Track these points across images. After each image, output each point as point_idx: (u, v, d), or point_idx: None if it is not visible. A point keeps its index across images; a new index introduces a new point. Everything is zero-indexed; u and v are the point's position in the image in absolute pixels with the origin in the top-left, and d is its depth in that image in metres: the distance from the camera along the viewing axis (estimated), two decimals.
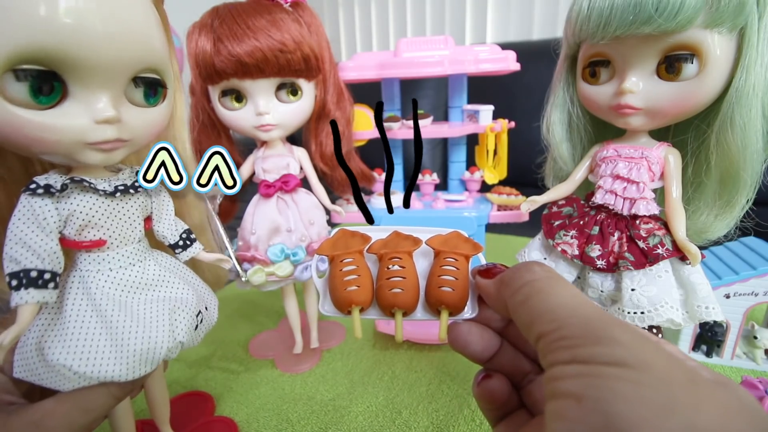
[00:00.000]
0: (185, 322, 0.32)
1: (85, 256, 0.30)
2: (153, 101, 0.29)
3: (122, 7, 0.25)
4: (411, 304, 0.28)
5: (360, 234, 0.31)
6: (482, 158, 0.60)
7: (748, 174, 0.35)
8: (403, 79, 0.58)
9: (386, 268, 0.28)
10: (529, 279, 0.22)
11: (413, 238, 0.30)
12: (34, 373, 0.28)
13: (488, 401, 0.27)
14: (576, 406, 0.16)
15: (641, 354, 0.17)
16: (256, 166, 0.50)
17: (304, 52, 0.45)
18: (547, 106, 0.45)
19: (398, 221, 0.56)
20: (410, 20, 1.82)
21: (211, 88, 0.47)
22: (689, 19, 0.31)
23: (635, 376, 0.16)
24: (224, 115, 0.47)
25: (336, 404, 0.49)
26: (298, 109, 0.48)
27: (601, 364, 0.17)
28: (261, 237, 0.49)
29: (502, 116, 0.59)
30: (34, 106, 0.24)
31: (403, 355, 0.57)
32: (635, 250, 0.37)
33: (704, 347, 0.54)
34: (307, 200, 0.52)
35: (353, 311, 0.28)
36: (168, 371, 0.55)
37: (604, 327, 0.18)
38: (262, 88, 0.45)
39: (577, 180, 0.43)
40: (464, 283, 0.28)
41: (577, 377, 0.17)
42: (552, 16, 1.53)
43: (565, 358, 0.18)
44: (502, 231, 0.77)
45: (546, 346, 0.19)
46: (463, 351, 0.28)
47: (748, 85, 0.33)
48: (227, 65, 0.43)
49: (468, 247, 0.30)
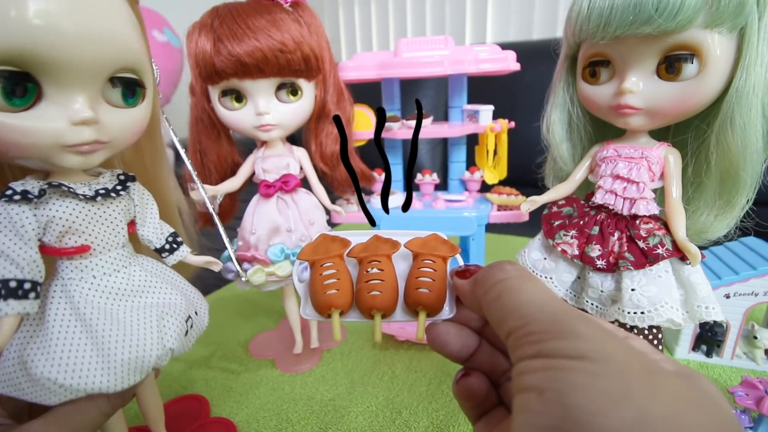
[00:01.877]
0: (174, 328, 0.31)
1: (66, 264, 0.29)
2: (132, 102, 0.29)
3: (95, 7, 0.25)
4: (389, 305, 0.28)
5: (340, 238, 0.32)
6: (482, 158, 0.60)
7: (748, 174, 0.35)
8: (403, 79, 0.59)
9: (365, 271, 0.29)
10: (500, 277, 0.23)
11: (392, 242, 0.31)
12: (17, 388, 0.27)
13: (467, 399, 0.27)
14: (538, 398, 0.17)
15: (601, 347, 0.17)
16: (256, 166, 0.50)
17: (304, 52, 0.45)
18: (547, 106, 0.45)
19: (398, 221, 0.57)
20: (410, 20, 1.82)
21: (211, 88, 0.47)
22: (689, 19, 0.31)
23: (594, 368, 0.16)
24: (224, 115, 0.47)
25: (336, 404, 0.49)
26: (298, 109, 0.48)
27: (563, 357, 0.17)
28: (261, 237, 0.49)
29: (502, 116, 0.59)
30: (7, 109, 0.24)
31: (403, 355, 0.57)
32: (635, 250, 0.37)
33: (704, 347, 0.54)
34: (308, 200, 0.52)
35: (333, 314, 0.28)
36: (167, 372, 0.55)
37: (568, 321, 0.19)
38: (262, 88, 0.45)
39: (577, 180, 0.43)
40: (441, 284, 0.28)
41: (540, 371, 0.18)
42: (552, 16, 1.53)
43: (531, 352, 0.18)
44: (502, 231, 0.77)
45: (515, 341, 0.20)
46: (442, 350, 0.28)
47: (748, 85, 0.33)
48: (227, 65, 0.43)
49: (446, 248, 0.30)
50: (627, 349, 0.17)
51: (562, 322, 0.19)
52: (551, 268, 0.42)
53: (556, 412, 0.16)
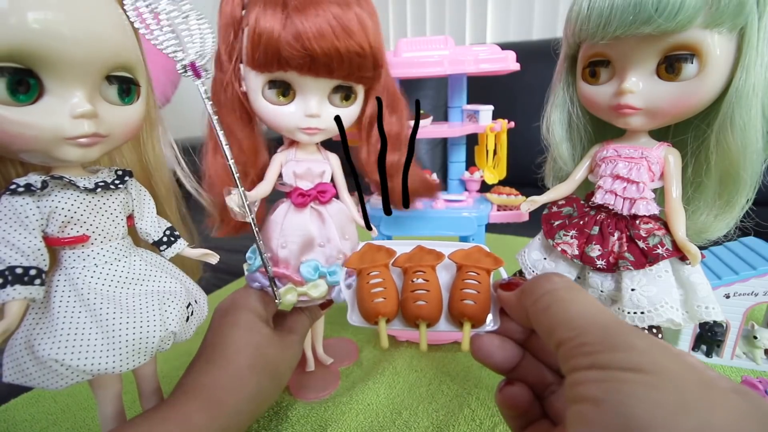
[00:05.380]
0: (176, 312, 0.32)
1: (69, 254, 0.30)
2: (128, 100, 0.30)
3: (90, 11, 0.27)
4: (435, 315, 0.29)
5: (385, 248, 0.33)
6: (482, 158, 0.60)
7: (748, 174, 0.35)
8: (403, 79, 0.58)
9: (411, 281, 0.30)
10: (549, 288, 0.23)
11: (436, 253, 0.32)
12: (25, 374, 0.28)
13: (510, 408, 0.28)
14: (595, 409, 0.17)
15: (657, 360, 0.17)
16: (286, 168, 0.43)
17: (376, 58, 0.39)
18: (547, 106, 0.45)
19: (398, 221, 0.57)
20: (410, 20, 1.82)
21: (255, 74, 0.39)
22: (689, 19, 0.31)
23: (651, 380, 0.17)
24: (263, 107, 0.40)
25: (336, 403, 0.49)
26: (347, 115, 0.42)
27: (618, 369, 0.17)
28: (293, 251, 0.43)
29: (502, 116, 0.59)
30: (12, 104, 0.25)
31: (403, 355, 0.57)
32: (635, 250, 0.37)
33: (704, 347, 0.54)
34: (344, 213, 0.46)
35: (380, 322, 0.29)
36: (167, 372, 0.55)
37: (621, 334, 0.19)
38: (319, 88, 0.40)
39: (577, 180, 0.43)
40: (486, 296, 0.29)
41: (596, 382, 0.18)
42: (552, 16, 1.53)
43: (585, 364, 0.19)
44: (502, 231, 0.77)
45: (566, 352, 0.20)
46: (486, 361, 0.29)
47: (748, 85, 0.33)
48: (295, 56, 0.36)
49: (489, 261, 0.31)
50: (682, 364, 0.17)
51: (615, 335, 0.19)
52: (551, 268, 0.42)
53: (614, 422, 0.16)
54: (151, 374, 0.38)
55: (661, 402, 0.16)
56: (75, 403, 0.51)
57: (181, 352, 0.38)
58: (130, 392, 0.38)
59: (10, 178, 0.31)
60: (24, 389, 0.52)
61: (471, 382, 0.52)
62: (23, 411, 0.50)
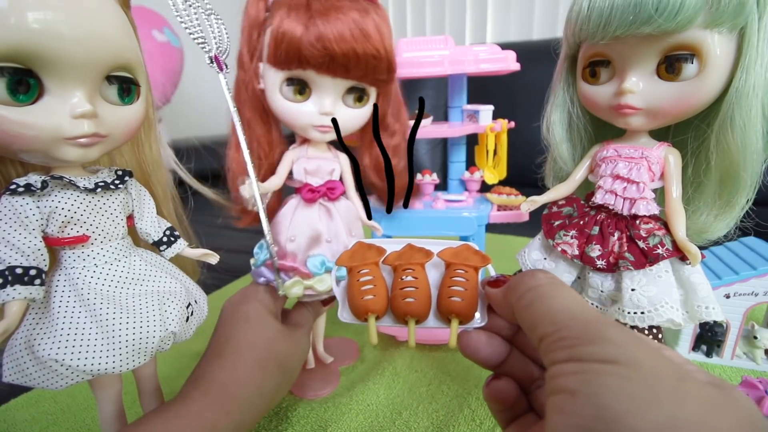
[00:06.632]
0: (176, 312, 0.32)
1: (69, 254, 0.30)
2: (128, 100, 0.30)
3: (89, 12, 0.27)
4: (423, 312, 0.30)
5: (376, 246, 0.33)
6: (482, 158, 0.60)
7: (748, 174, 0.35)
8: (403, 79, 0.58)
9: (400, 278, 0.30)
10: (533, 284, 0.24)
11: (425, 251, 0.32)
12: (24, 374, 0.28)
13: (496, 402, 0.28)
14: (571, 399, 0.18)
15: (632, 353, 0.18)
16: (297, 165, 0.45)
17: (390, 61, 0.41)
18: (547, 106, 0.45)
19: (398, 221, 0.57)
20: (410, 20, 1.82)
21: (274, 71, 0.41)
22: (689, 19, 0.31)
23: (625, 372, 0.17)
24: (280, 104, 0.42)
25: (336, 403, 0.49)
26: (358, 116, 0.44)
27: (595, 361, 0.18)
28: (301, 245, 0.44)
29: (502, 116, 0.59)
30: (12, 104, 0.25)
31: (403, 355, 0.57)
32: (635, 250, 0.37)
33: (704, 347, 0.54)
34: (351, 210, 0.47)
35: (369, 319, 0.29)
36: (167, 373, 0.55)
37: (600, 328, 0.19)
38: (335, 88, 0.42)
39: (577, 180, 0.43)
40: (473, 293, 0.30)
41: (573, 374, 0.18)
42: (552, 16, 1.53)
43: (564, 357, 0.19)
44: (502, 231, 0.77)
45: (547, 346, 0.21)
46: (473, 357, 0.29)
47: (748, 85, 0.33)
48: (315, 55, 0.38)
49: (477, 259, 0.32)
50: (658, 357, 0.18)
51: (593, 328, 0.19)
52: (551, 268, 0.42)
53: (588, 412, 0.17)
54: (151, 374, 0.38)
55: (633, 393, 0.16)
56: (75, 403, 0.51)
57: (181, 352, 0.38)
58: (130, 392, 0.38)
59: (10, 178, 0.31)
60: (24, 389, 0.52)
61: (471, 382, 0.52)
62: (23, 411, 0.50)
